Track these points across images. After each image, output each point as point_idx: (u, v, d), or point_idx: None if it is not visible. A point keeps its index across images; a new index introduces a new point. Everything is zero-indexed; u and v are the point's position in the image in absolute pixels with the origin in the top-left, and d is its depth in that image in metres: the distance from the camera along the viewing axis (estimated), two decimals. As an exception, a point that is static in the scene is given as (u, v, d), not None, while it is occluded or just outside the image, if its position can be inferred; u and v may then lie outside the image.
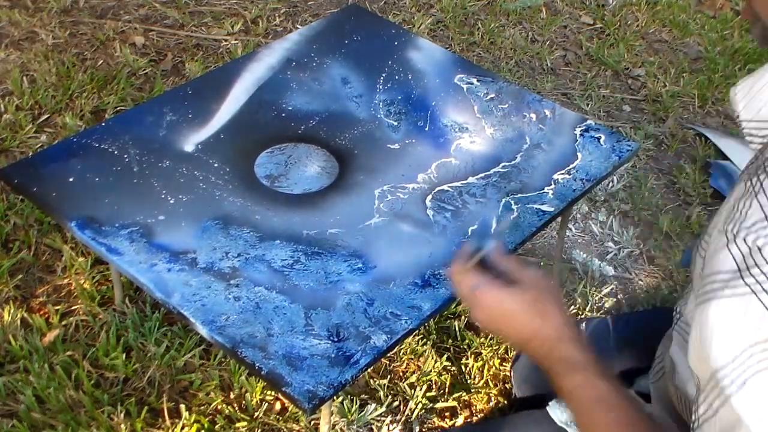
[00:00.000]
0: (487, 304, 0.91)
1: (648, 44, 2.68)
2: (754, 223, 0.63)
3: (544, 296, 0.91)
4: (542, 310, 0.90)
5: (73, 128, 1.96)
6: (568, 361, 0.86)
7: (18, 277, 1.64)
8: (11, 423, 1.39)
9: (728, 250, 0.64)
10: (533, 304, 0.90)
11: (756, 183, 0.65)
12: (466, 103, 1.50)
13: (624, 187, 2.10)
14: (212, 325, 1.08)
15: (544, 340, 0.88)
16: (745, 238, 0.63)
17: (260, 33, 2.44)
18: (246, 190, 1.28)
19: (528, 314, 0.89)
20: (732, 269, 0.64)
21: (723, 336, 0.64)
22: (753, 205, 0.64)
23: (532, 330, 0.89)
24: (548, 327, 0.89)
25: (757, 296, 0.62)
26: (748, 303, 0.62)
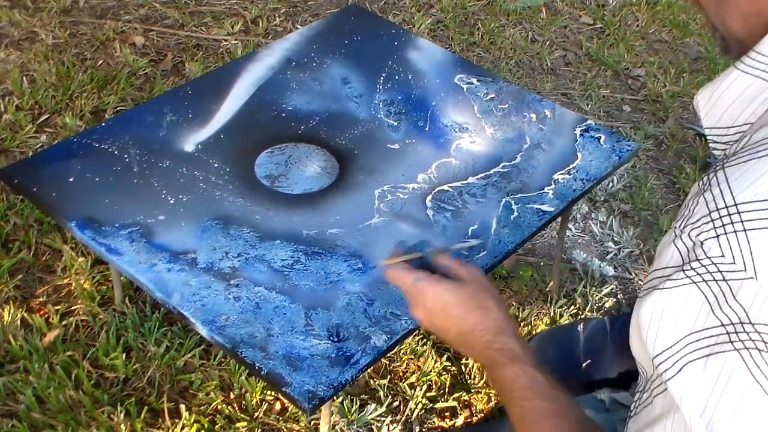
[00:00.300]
0: (426, 298, 0.94)
1: (648, 44, 2.68)
2: (699, 218, 0.65)
3: (484, 291, 0.95)
4: (481, 303, 0.93)
5: (73, 128, 1.96)
6: (506, 352, 0.89)
7: (18, 277, 1.64)
8: (11, 423, 1.39)
9: (674, 245, 0.66)
10: (472, 297, 0.93)
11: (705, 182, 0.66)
12: (466, 103, 1.50)
13: (624, 187, 2.10)
14: (212, 325, 1.08)
15: (483, 332, 0.91)
16: (689, 234, 0.65)
17: (260, 33, 2.44)
18: (246, 190, 1.28)
19: (467, 307, 0.92)
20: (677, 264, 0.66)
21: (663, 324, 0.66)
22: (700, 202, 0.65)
23: (472, 322, 0.92)
24: (487, 319, 0.92)
25: (697, 286, 0.64)
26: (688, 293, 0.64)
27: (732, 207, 0.63)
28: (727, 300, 0.62)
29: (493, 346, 0.90)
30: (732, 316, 0.62)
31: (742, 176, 0.64)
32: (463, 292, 0.93)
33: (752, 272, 0.61)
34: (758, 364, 0.61)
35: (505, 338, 0.90)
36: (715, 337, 0.63)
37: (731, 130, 0.72)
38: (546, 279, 1.80)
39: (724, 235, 0.62)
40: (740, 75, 0.71)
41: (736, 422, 0.63)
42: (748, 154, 0.65)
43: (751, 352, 0.61)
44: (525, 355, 0.89)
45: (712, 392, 0.63)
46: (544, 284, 1.79)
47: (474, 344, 0.92)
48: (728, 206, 0.63)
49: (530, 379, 0.87)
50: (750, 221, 0.61)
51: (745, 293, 0.61)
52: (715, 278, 0.63)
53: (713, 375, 0.63)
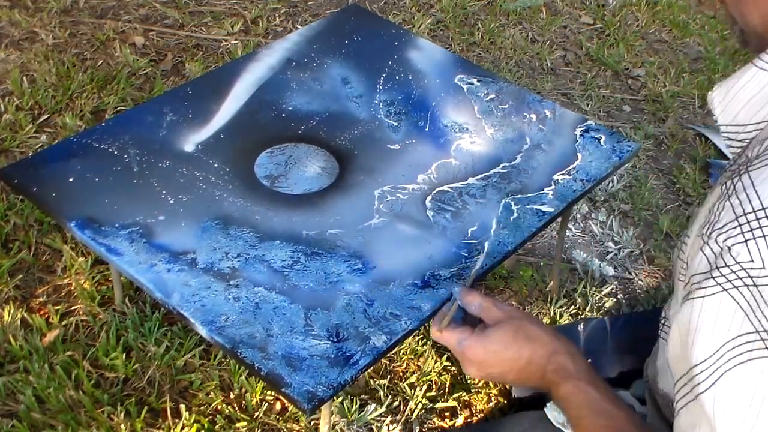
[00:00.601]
0: (475, 355, 0.95)
1: (648, 44, 2.68)
2: (726, 224, 0.64)
3: (524, 323, 0.95)
4: (527, 335, 0.93)
5: (73, 128, 1.96)
6: (560, 371, 0.90)
7: (18, 277, 1.64)
8: (11, 423, 1.39)
9: (702, 252, 0.66)
10: (517, 334, 0.93)
11: (730, 186, 0.66)
12: (467, 103, 1.50)
13: (624, 187, 2.10)
14: (212, 325, 1.08)
15: (540, 359, 0.92)
16: (716, 239, 0.64)
17: (260, 33, 2.44)
18: (246, 191, 1.28)
19: (516, 345, 0.93)
20: (705, 270, 0.65)
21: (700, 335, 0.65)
22: (725, 207, 0.65)
23: (526, 357, 0.92)
24: (539, 347, 0.92)
25: (728, 293, 0.63)
26: (720, 301, 0.64)
27: (760, 211, 0.62)
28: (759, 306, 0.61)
29: (549, 368, 0.91)
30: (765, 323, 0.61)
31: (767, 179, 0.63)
32: (507, 335, 0.94)
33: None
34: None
35: (557, 357, 0.91)
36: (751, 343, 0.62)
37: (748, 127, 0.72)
38: (546, 279, 1.80)
39: (753, 240, 0.62)
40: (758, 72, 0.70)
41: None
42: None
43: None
44: (579, 371, 0.89)
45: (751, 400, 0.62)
46: (544, 284, 1.79)
47: (535, 373, 0.93)
48: (756, 210, 0.62)
49: (584, 395, 0.86)
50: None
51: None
52: (746, 284, 0.62)
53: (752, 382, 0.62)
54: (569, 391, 0.88)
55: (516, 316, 0.97)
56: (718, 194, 0.67)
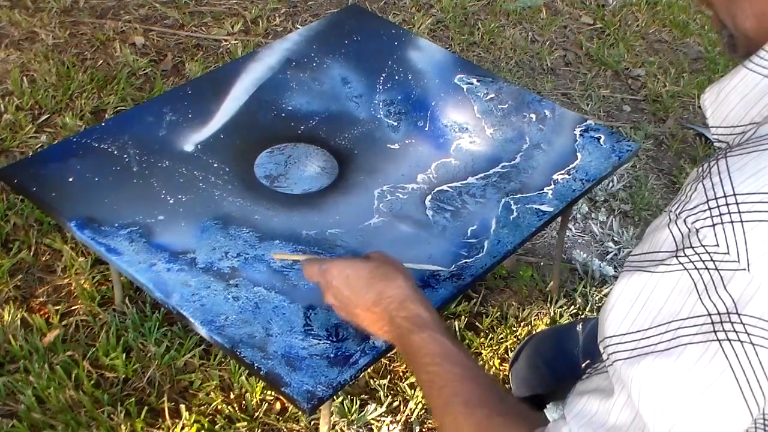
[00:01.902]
0: (332, 276, 0.96)
1: (648, 44, 2.68)
2: (696, 206, 0.64)
3: (388, 265, 0.96)
4: (385, 274, 0.95)
5: (73, 128, 1.96)
6: (414, 319, 0.90)
7: (18, 277, 1.64)
8: (11, 423, 1.39)
9: (669, 229, 0.66)
10: (376, 269, 0.95)
11: (706, 168, 0.66)
12: (466, 103, 1.50)
13: (624, 187, 2.10)
14: (211, 325, 1.08)
15: (389, 300, 0.92)
16: (686, 220, 0.65)
17: (260, 33, 2.44)
18: (246, 190, 1.28)
19: (372, 279, 0.94)
20: (670, 249, 0.65)
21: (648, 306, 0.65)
22: (698, 189, 0.65)
23: (376, 292, 0.93)
24: (393, 288, 0.93)
25: (688, 273, 0.63)
26: (678, 279, 0.64)
27: (731, 197, 0.62)
28: (717, 289, 0.62)
29: (400, 313, 0.91)
30: (719, 306, 0.62)
31: (743, 167, 0.63)
32: (366, 266, 0.95)
33: (745, 264, 0.61)
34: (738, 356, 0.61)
35: (411, 305, 0.91)
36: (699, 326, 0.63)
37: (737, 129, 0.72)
38: (546, 279, 1.80)
39: (720, 225, 0.62)
40: (748, 74, 0.71)
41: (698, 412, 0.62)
42: (752, 146, 0.65)
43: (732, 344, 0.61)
44: (433, 321, 0.89)
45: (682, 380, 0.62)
46: (544, 284, 1.79)
47: (381, 316, 0.92)
48: (727, 196, 0.63)
49: (439, 345, 0.86)
50: (748, 213, 0.61)
51: (736, 284, 0.61)
52: (707, 267, 0.62)
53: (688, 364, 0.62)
54: (424, 339, 0.87)
55: (383, 257, 0.99)
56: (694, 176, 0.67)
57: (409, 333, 0.89)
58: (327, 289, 0.98)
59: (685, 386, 0.63)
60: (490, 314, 1.69)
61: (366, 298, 0.94)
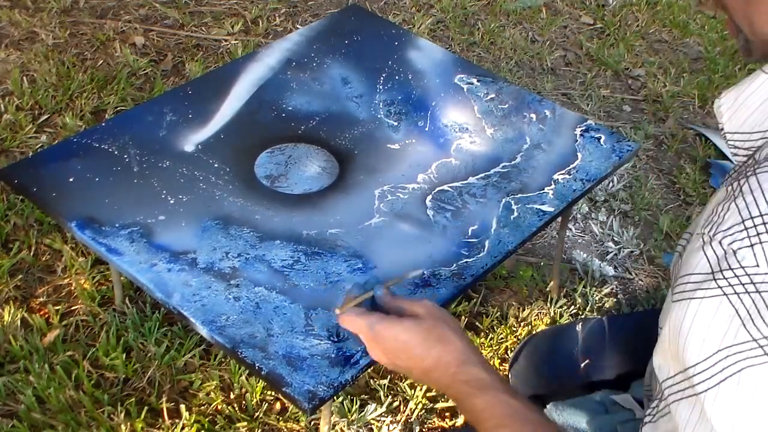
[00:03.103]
0: (384, 340, 0.90)
1: (648, 44, 2.68)
2: (731, 226, 0.63)
3: (441, 324, 0.91)
4: (440, 336, 0.89)
5: (73, 128, 1.96)
6: (474, 382, 0.86)
7: (18, 277, 1.64)
8: (11, 423, 1.39)
9: (703, 252, 0.65)
10: (430, 332, 0.89)
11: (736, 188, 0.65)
12: (466, 103, 1.50)
13: (624, 187, 2.10)
14: (212, 325, 1.08)
15: (448, 365, 0.87)
16: (720, 241, 0.63)
17: (260, 33, 2.44)
18: (246, 190, 1.28)
19: (427, 343, 0.88)
20: (706, 271, 0.64)
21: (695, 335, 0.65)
22: (731, 209, 0.64)
23: (434, 358, 0.88)
24: (449, 352, 0.88)
25: (728, 298, 0.62)
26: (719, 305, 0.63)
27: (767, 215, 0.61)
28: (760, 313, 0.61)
29: (460, 378, 0.87)
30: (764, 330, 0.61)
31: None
32: (420, 329, 0.89)
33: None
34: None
35: (470, 368, 0.87)
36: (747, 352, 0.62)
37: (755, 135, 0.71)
38: (546, 279, 1.80)
39: (759, 245, 0.61)
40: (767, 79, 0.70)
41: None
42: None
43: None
44: (495, 381, 0.86)
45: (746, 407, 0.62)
46: (544, 284, 1.79)
47: (440, 380, 0.89)
48: (763, 215, 0.61)
49: (504, 406, 0.83)
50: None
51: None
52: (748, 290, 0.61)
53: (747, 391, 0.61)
54: (488, 401, 0.84)
55: (435, 314, 0.93)
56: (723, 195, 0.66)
57: (471, 397, 0.85)
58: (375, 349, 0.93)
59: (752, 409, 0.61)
60: (490, 314, 1.69)
61: (424, 364, 0.89)
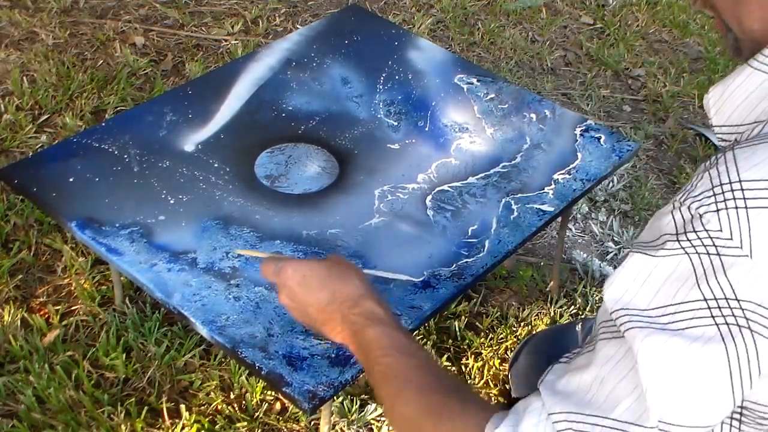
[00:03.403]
0: (288, 276, 0.94)
1: (648, 44, 2.68)
2: (701, 192, 0.65)
3: (343, 265, 0.96)
4: (340, 273, 0.94)
5: (73, 128, 1.96)
6: (368, 314, 0.89)
7: (18, 277, 1.64)
8: (11, 423, 1.39)
9: (672, 215, 0.66)
10: (330, 269, 0.94)
11: (713, 160, 0.67)
12: (466, 103, 1.50)
13: (624, 187, 2.10)
14: (212, 325, 1.08)
15: (344, 300, 0.91)
16: (689, 206, 0.65)
17: (260, 33, 2.44)
18: (246, 190, 1.28)
19: (326, 278, 0.93)
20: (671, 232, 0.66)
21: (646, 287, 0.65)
22: (704, 177, 0.66)
23: (331, 291, 0.92)
24: (346, 287, 0.92)
25: (688, 256, 0.63)
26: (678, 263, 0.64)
27: (736, 183, 0.62)
28: (716, 274, 0.62)
29: (354, 310, 0.90)
30: (717, 291, 0.62)
31: (750, 156, 0.64)
32: (321, 265, 0.94)
33: (748, 250, 0.61)
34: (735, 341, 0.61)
35: (365, 302, 0.90)
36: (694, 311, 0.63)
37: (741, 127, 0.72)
38: (546, 279, 1.80)
39: (725, 210, 0.62)
40: (753, 72, 0.71)
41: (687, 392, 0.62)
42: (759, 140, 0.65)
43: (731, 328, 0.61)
44: (388, 318, 0.89)
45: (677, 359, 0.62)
46: (544, 284, 1.79)
47: (334, 316, 0.91)
48: (732, 182, 0.63)
49: (393, 339, 0.86)
50: (753, 199, 0.61)
51: (737, 270, 0.61)
52: (709, 251, 0.62)
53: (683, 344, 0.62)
54: (377, 333, 0.86)
55: (339, 258, 0.98)
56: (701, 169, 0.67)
57: (362, 328, 0.88)
58: (282, 289, 0.96)
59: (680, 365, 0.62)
60: (490, 314, 1.69)
61: (320, 297, 0.92)
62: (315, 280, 0.93)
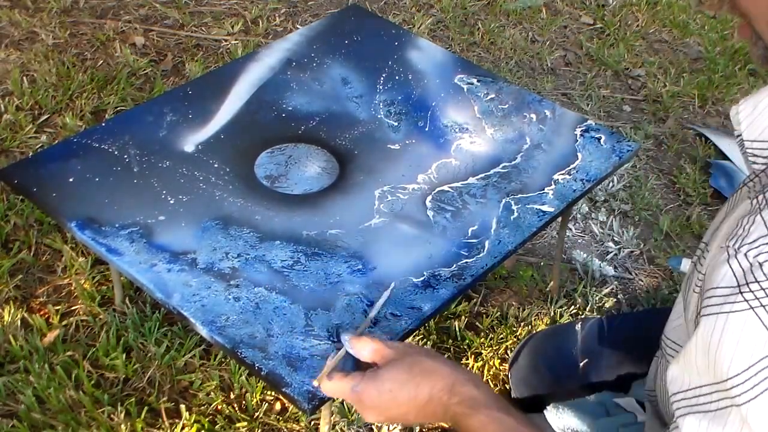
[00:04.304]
0: (372, 399, 0.88)
1: (648, 44, 2.68)
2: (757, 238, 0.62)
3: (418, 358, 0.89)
4: (423, 370, 0.87)
5: (73, 128, 1.96)
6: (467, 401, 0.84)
7: (18, 277, 1.64)
8: (11, 423, 1.39)
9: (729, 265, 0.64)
10: (411, 370, 0.87)
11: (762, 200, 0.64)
12: (466, 103, 1.50)
13: (624, 187, 2.10)
14: (212, 325, 1.08)
15: (441, 393, 0.86)
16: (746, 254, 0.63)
17: (260, 33, 2.44)
18: (246, 191, 1.28)
19: (413, 382, 0.87)
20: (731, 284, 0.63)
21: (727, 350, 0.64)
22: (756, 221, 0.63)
23: (426, 393, 0.86)
24: (438, 380, 0.86)
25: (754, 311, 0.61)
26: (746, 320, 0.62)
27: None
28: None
29: (452, 401, 0.85)
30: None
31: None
32: (401, 372, 0.88)
33: None
34: None
35: (460, 388, 0.86)
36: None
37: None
38: (546, 279, 1.80)
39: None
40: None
41: None
42: None
43: None
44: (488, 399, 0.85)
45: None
46: (544, 284, 1.79)
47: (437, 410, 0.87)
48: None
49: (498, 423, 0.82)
50: None
51: None
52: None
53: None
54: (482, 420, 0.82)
55: (409, 352, 0.90)
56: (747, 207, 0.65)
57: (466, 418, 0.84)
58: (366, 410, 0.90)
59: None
60: (490, 314, 1.69)
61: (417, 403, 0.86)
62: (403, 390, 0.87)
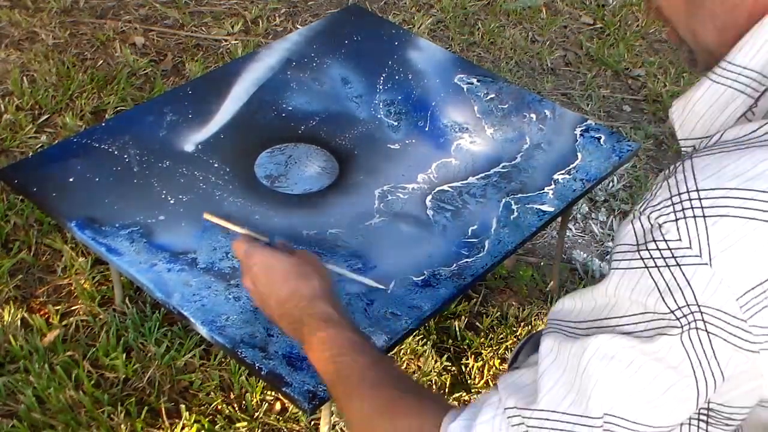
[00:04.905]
0: (254, 262, 0.97)
1: (648, 44, 2.68)
2: (660, 201, 0.65)
3: (309, 264, 0.97)
4: (303, 272, 0.95)
5: (73, 128, 1.96)
6: (322, 315, 0.90)
7: (18, 277, 1.64)
8: (11, 423, 1.39)
9: (632, 225, 0.67)
10: (294, 266, 0.95)
11: (672, 169, 0.68)
12: (466, 103, 1.50)
13: (624, 187, 2.10)
14: (212, 325, 1.08)
15: (301, 299, 0.92)
16: (649, 216, 0.65)
17: (260, 33, 2.44)
18: (246, 190, 1.28)
19: (288, 274, 0.95)
20: (632, 242, 0.66)
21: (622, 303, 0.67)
22: (663, 186, 0.66)
23: (290, 288, 0.93)
24: (305, 287, 0.93)
25: (648, 271, 0.64)
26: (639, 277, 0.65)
27: (693, 192, 0.63)
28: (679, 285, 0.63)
29: (308, 311, 0.91)
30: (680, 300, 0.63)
31: (707, 165, 0.65)
32: (287, 261, 0.96)
33: (707, 258, 0.61)
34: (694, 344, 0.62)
35: (321, 303, 0.91)
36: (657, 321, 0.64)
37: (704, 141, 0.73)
38: (546, 279, 1.80)
39: (683, 220, 0.63)
40: (712, 85, 0.72)
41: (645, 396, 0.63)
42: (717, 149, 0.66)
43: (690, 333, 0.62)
44: (342, 320, 0.90)
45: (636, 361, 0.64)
46: (544, 284, 1.79)
47: (292, 311, 0.93)
48: (690, 191, 0.63)
49: (346, 339, 0.87)
50: (710, 208, 0.62)
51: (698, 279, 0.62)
52: (668, 264, 0.63)
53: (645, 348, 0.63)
54: (330, 334, 0.87)
55: (307, 256, 0.99)
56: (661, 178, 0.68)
57: (317, 330, 0.89)
58: (246, 272, 0.98)
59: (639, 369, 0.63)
60: (490, 314, 1.69)
61: (280, 291, 0.94)
62: (279, 273, 0.95)
